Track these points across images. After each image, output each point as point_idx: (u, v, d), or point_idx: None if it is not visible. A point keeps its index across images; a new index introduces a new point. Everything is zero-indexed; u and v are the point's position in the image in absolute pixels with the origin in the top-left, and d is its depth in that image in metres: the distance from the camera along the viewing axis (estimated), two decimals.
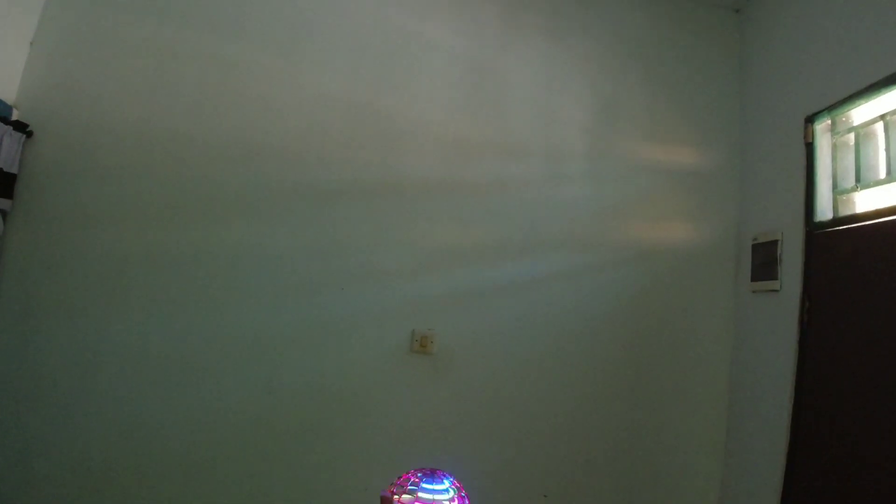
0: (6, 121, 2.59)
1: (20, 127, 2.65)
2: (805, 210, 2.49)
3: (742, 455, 2.72)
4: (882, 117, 2.18)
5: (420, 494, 0.77)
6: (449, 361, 2.78)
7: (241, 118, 2.81)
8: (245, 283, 2.71)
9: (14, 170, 2.63)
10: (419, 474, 0.82)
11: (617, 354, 2.88)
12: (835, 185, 2.42)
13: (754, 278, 2.78)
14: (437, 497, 0.75)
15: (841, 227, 2.31)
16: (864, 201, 2.29)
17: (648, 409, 2.86)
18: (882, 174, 2.18)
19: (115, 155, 2.73)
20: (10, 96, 2.71)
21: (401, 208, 2.85)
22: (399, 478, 0.81)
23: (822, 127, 2.48)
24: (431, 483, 0.78)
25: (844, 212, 2.36)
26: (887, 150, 2.16)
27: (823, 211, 2.44)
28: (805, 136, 2.53)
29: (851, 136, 2.35)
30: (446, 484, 0.78)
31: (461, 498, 0.82)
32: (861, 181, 2.28)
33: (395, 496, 0.78)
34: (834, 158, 2.43)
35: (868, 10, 2.19)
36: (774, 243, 2.65)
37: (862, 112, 2.32)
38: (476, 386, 2.79)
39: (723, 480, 2.81)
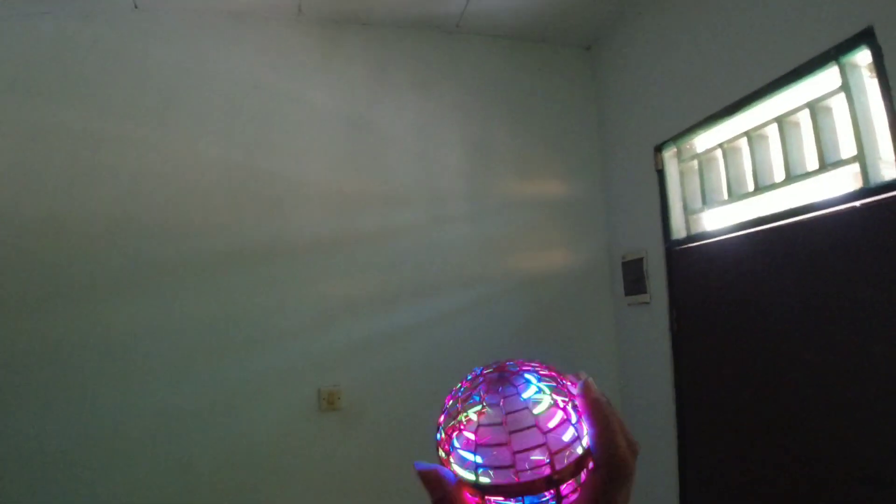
0: None
1: None
2: (662, 229, 2.78)
3: (642, 446, 2.95)
4: (720, 145, 2.49)
5: (483, 423, 0.42)
6: (358, 413, 2.76)
7: (116, 193, 2.70)
8: (144, 362, 2.60)
9: None
10: (480, 385, 0.44)
11: None
12: (685, 207, 2.71)
13: (627, 293, 3.04)
14: (513, 420, 0.40)
15: (694, 244, 2.60)
16: (711, 219, 2.60)
17: None
18: (725, 196, 2.48)
19: None
20: None
21: (293, 267, 2.82)
22: (444, 408, 0.44)
23: (669, 155, 2.78)
24: (499, 399, 0.42)
25: (695, 230, 2.65)
26: (727, 174, 2.46)
27: (678, 230, 2.72)
28: (655, 164, 2.82)
29: (695, 162, 2.66)
30: (531, 390, 0.43)
31: (564, 398, 0.43)
32: (707, 202, 2.59)
33: (445, 449, 0.43)
34: (682, 183, 2.73)
35: (709, 47, 2.49)
36: (640, 260, 2.91)
37: (703, 140, 2.63)
38: (387, 432, 2.79)
39: None
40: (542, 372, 0.46)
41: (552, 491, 0.40)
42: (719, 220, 2.54)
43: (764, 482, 2.18)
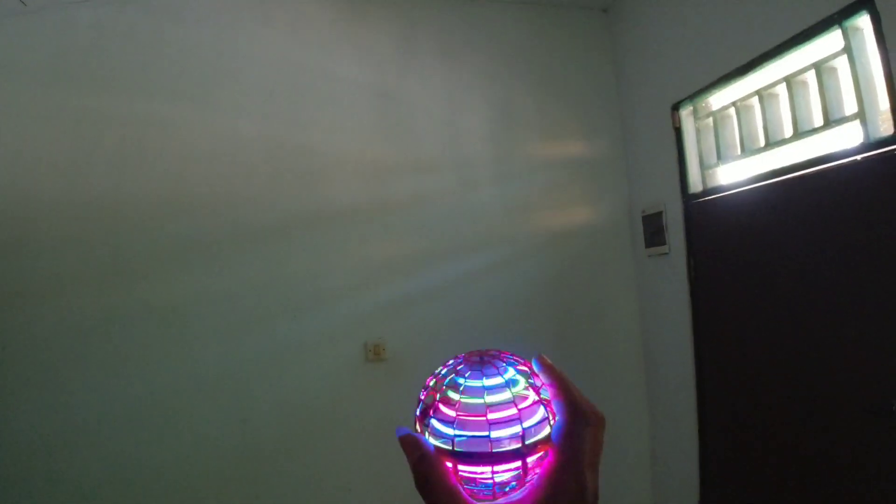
0: None
1: None
2: (680, 184, 2.95)
3: (661, 389, 3.22)
4: (733, 103, 2.64)
5: (463, 400, 0.45)
6: (402, 362, 3.02)
7: (165, 172, 2.87)
8: (203, 326, 2.81)
9: None
10: (460, 368, 0.48)
11: (546, 329, 3.24)
12: (701, 162, 2.88)
13: (647, 245, 3.23)
14: (491, 400, 0.44)
15: (710, 197, 2.77)
16: (726, 174, 2.77)
17: (577, 371, 3.26)
18: (738, 151, 2.65)
19: (42, 227, 2.72)
20: None
21: (334, 233, 3.02)
22: (425, 387, 0.50)
23: (686, 113, 2.93)
24: (480, 378, 0.46)
25: (711, 184, 2.82)
26: (740, 131, 2.62)
27: (695, 184, 2.90)
28: (673, 122, 2.97)
29: (711, 119, 2.81)
30: (509, 373, 0.46)
31: (538, 390, 0.46)
32: (722, 158, 2.75)
33: (421, 423, 0.49)
34: (698, 140, 2.89)
35: (720, 10, 2.62)
36: (660, 214, 3.10)
37: (718, 99, 2.77)
38: (426, 377, 3.05)
39: (650, 412, 3.31)
40: (517, 360, 0.49)
41: (521, 462, 0.43)
42: (733, 174, 2.71)
43: (777, 419, 2.41)
